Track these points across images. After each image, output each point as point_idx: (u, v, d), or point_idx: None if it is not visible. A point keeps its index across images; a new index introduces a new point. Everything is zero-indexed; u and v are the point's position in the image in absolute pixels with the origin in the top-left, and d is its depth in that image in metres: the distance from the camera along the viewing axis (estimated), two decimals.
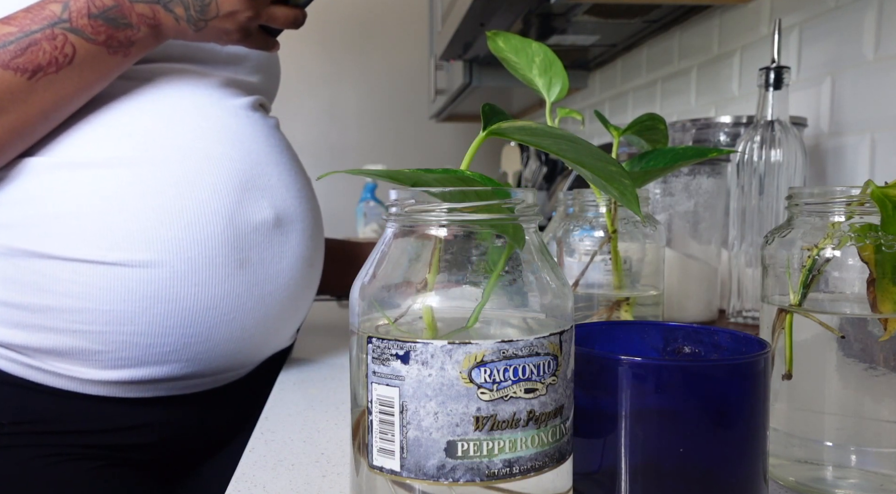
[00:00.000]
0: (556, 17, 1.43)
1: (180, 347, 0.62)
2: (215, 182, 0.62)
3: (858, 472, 0.42)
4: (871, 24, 0.88)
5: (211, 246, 0.61)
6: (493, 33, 0.57)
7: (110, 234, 0.59)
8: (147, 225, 0.59)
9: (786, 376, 0.44)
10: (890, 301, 0.40)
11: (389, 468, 0.33)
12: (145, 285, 0.59)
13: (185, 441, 0.70)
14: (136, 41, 0.61)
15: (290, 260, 0.67)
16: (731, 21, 1.20)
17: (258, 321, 0.65)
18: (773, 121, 0.82)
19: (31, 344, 0.61)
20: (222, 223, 0.61)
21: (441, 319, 0.34)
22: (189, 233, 0.60)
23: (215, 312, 0.62)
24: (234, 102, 0.68)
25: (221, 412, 0.72)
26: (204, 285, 0.61)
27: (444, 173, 0.38)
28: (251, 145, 0.65)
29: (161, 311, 0.60)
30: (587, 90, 1.94)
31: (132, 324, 0.60)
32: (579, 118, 0.58)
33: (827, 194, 0.44)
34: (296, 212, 0.67)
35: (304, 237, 0.68)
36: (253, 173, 0.64)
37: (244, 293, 0.63)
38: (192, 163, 0.61)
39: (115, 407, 0.64)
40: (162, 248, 0.59)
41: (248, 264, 0.63)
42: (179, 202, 0.60)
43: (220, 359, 0.65)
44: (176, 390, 0.66)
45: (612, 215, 0.59)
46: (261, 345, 0.68)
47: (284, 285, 0.66)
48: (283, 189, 0.66)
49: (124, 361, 0.61)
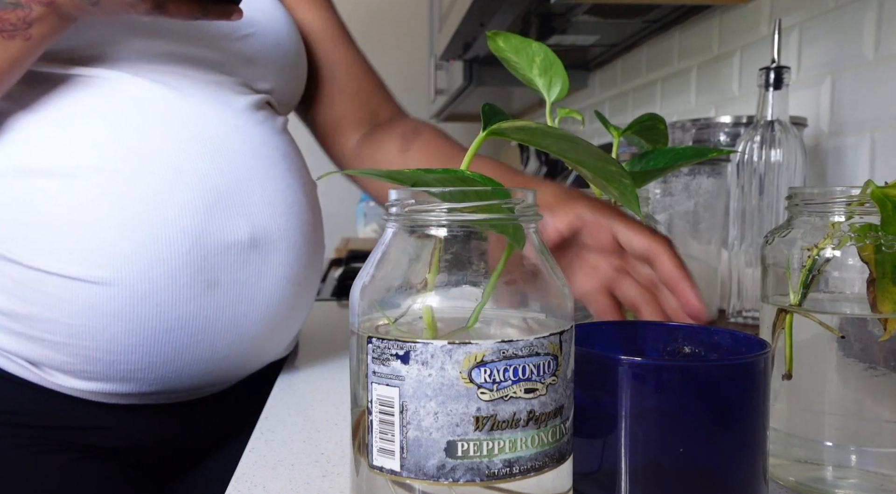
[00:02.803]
0: (556, 17, 1.43)
1: (144, 366, 0.60)
2: (183, 199, 0.58)
3: (858, 472, 0.42)
4: (871, 24, 0.88)
5: (175, 266, 0.58)
6: (493, 33, 0.57)
7: (70, 247, 0.56)
8: (107, 241, 0.57)
9: (786, 376, 0.44)
10: (890, 301, 0.40)
11: (389, 468, 0.33)
12: (105, 302, 0.57)
13: (172, 445, 0.68)
14: (32, 22, 0.55)
15: (271, 281, 0.63)
16: (731, 21, 1.20)
17: (231, 343, 0.63)
18: (773, 121, 0.82)
19: (7, 347, 0.60)
20: (188, 243, 0.58)
21: (441, 319, 0.34)
22: (151, 251, 0.57)
23: (180, 333, 0.60)
24: (230, 105, 0.64)
25: (209, 420, 0.70)
26: (167, 305, 0.58)
27: (444, 173, 0.38)
28: (234, 158, 0.62)
29: (121, 330, 0.58)
30: (587, 90, 1.94)
31: (93, 340, 0.58)
32: (579, 118, 0.58)
33: (827, 194, 0.44)
34: (279, 230, 0.64)
35: (287, 257, 0.64)
36: (230, 190, 0.61)
37: (213, 315, 0.60)
38: (160, 177, 0.58)
39: (94, 409, 0.63)
40: (122, 266, 0.57)
41: (217, 285, 0.60)
42: (143, 219, 0.57)
43: (191, 379, 0.63)
44: (151, 400, 0.64)
45: None
46: (238, 365, 0.66)
47: (263, 306, 0.63)
48: (265, 206, 0.63)
49: (90, 374, 0.60)
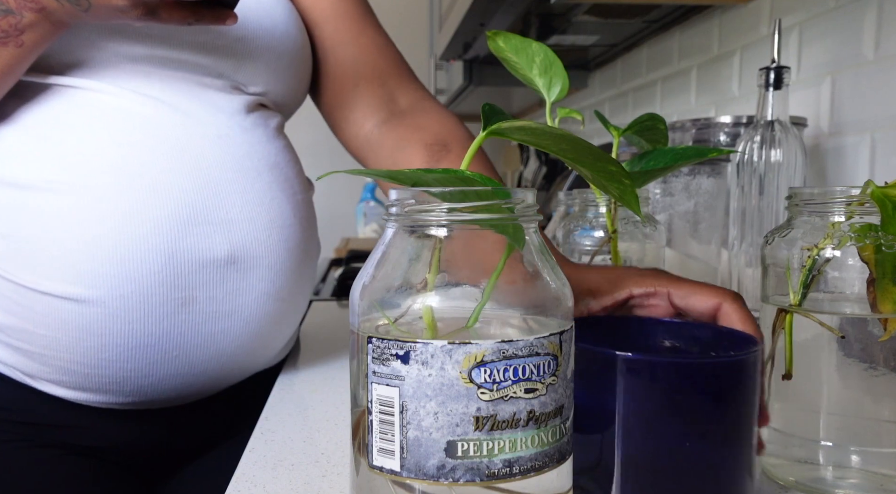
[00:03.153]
0: (556, 17, 1.43)
1: (119, 380, 0.60)
2: (157, 216, 0.57)
3: (858, 472, 0.42)
4: (871, 24, 0.88)
5: (147, 284, 0.57)
6: (493, 33, 0.57)
7: (42, 263, 0.56)
8: (79, 258, 0.56)
9: (786, 376, 0.43)
10: (890, 301, 0.40)
11: (389, 468, 0.33)
12: (77, 318, 0.57)
13: (155, 448, 0.68)
14: (24, 29, 0.55)
15: (250, 297, 0.62)
16: (731, 21, 1.20)
17: (209, 358, 0.62)
18: (773, 121, 0.82)
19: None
20: (161, 261, 0.58)
21: (441, 319, 0.34)
22: (123, 270, 0.57)
23: (154, 349, 0.59)
24: (217, 114, 0.63)
25: (193, 423, 0.69)
26: (139, 323, 0.58)
27: (444, 173, 0.38)
28: (214, 173, 0.60)
29: (95, 344, 0.58)
30: (587, 90, 1.94)
31: (68, 352, 0.58)
32: (579, 118, 0.58)
33: (827, 194, 0.44)
34: (261, 246, 0.62)
35: (269, 273, 0.63)
36: (207, 205, 0.59)
37: (189, 331, 0.60)
38: (136, 193, 0.57)
39: (76, 410, 0.63)
40: (93, 283, 0.56)
41: (193, 302, 0.59)
42: (115, 237, 0.56)
43: (169, 391, 0.63)
44: (131, 407, 0.64)
45: (612, 215, 0.59)
46: (217, 379, 0.65)
47: (243, 323, 0.63)
48: (244, 222, 0.61)
49: (68, 384, 0.60)
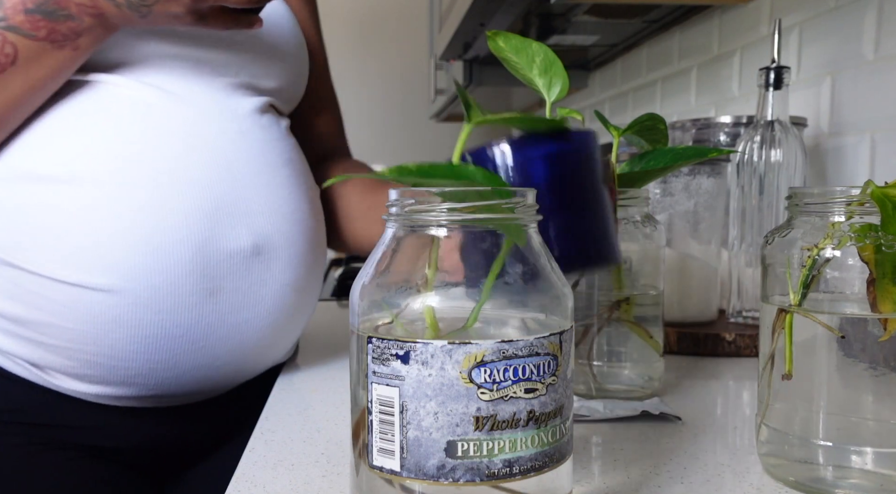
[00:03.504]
0: (556, 17, 1.43)
1: (145, 372, 0.60)
2: (187, 208, 0.59)
3: (858, 472, 0.42)
4: (871, 24, 0.88)
5: (177, 274, 0.58)
6: (493, 33, 0.57)
7: (72, 254, 0.56)
8: (110, 249, 0.57)
9: (786, 376, 0.43)
10: (890, 301, 0.40)
11: (389, 468, 0.33)
12: (107, 309, 0.57)
13: (167, 446, 0.69)
14: (81, 33, 0.57)
15: (273, 288, 0.63)
16: (731, 21, 1.20)
17: (232, 350, 0.63)
18: (773, 121, 0.82)
19: (4, 348, 0.61)
20: (191, 251, 0.58)
21: (441, 319, 0.34)
22: (153, 260, 0.57)
23: (182, 340, 0.60)
24: (235, 110, 0.64)
25: (205, 423, 0.70)
26: (169, 312, 0.58)
27: (447, 169, 0.38)
28: (236, 167, 0.62)
29: (123, 336, 0.58)
30: (587, 90, 1.94)
31: (95, 345, 0.58)
32: (579, 118, 0.58)
33: (827, 194, 0.44)
34: (282, 238, 0.64)
35: (290, 264, 0.64)
36: (231, 198, 0.61)
37: (215, 322, 0.61)
38: (163, 187, 0.58)
39: (91, 409, 0.63)
40: (125, 274, 0.57)
41: (220, 292, 0.60)
42: (145, 228, 0.57)
43: (190, 384, 0.63)
44: (150, 403, 0.64)
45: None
46: (237, 371, 0.66)
47: (265, 313, 0.64)
48: (267, 214, 0.63)
49: (90, 378, 0.60)
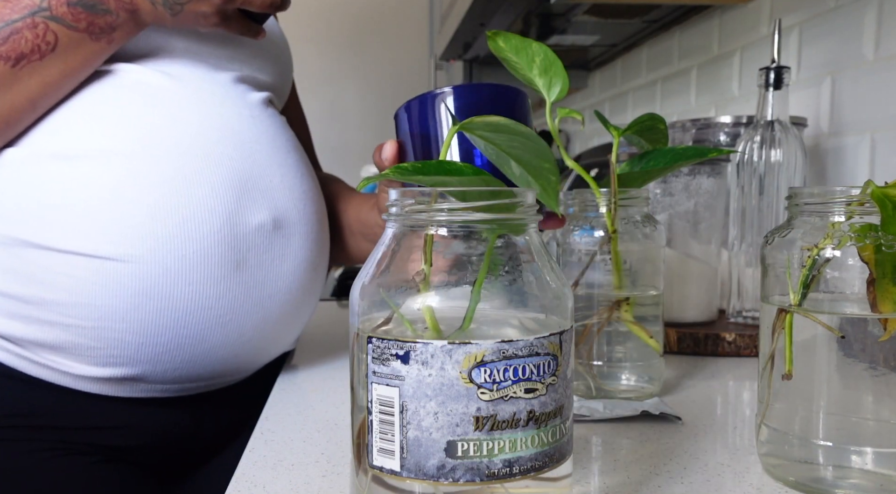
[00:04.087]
0: (556, 17, 1.43)
1: (174, 347, 0.61)
2: (213, 181, 0.61)
3: (858, 472, 0.42)
4: (871, 24, 0.88)
5: (206, 244, 0.60)
6: (493, 33, 0.57)
7: (102, 227, 0.58)
8: (140, 220, 0.58)
9: (786, 376, 0.43)
10: (890, 301, 0.40)
11: (389, 468, 0.33)
12: (137, 281, 0.59)
13: (181, 442, 0.69)
14: (116, 27, 0.61)
15: (292, 264, 0.66)
16: (731, 21, 1.20)
17: (256, 325, 0.64)
18: (773, 121, 0.82)
19: (27, 336, 0.60)
20: (219, 222, 0.60)
21: (441, 319, 0.34)
22: (183, 230, 0.59)
23: (210, 312, 0.61)
24: (245, 99, 0.67)
25: (218, 416, 0.71)
26: (198, 283, 0.60)
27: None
28: (254, 147, 0.65)
29: (153, 308, 0.59)
30: (587, 90, 1.94)
31: (123, 321, 0.59)
32: (579, 118, 0.58)
33: (827, 194, 0.44)
34: (299, 216, 0.66)
35: (306, 241, 0.67)
36: (253, 174, 0.63)
37: (241, 295, 0.62)
38: (190, 161, 0.60)
39: (109, 405, 0.64)
40: (155, 244, 0.58)
41: (245, 265, 0.62)
42: (175, 199, 0.59)
43: (216, 363, 0.64)
44: (170, 392, 0.65)
45: (612, 215, 0.59)
46: (259, 350, 0.67)
47: (285, 289, 0.65)
48: (285, 192, 0.66)
49: (116, 359, 0.61)
